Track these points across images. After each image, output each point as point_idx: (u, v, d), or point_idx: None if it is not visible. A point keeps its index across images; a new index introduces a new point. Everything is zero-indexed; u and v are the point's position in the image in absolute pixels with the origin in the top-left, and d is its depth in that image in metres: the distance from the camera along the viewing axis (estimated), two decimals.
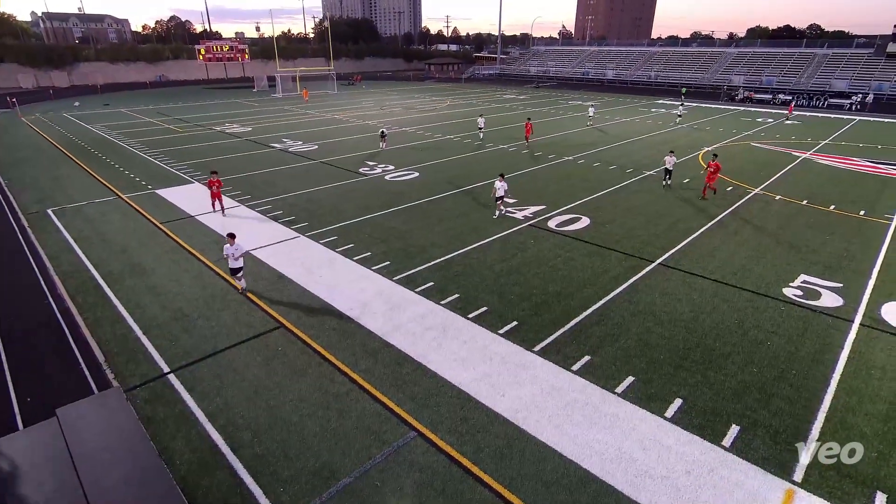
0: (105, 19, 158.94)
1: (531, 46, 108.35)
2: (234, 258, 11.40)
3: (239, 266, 11.61)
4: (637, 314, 11.14)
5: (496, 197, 16.99)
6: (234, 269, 11.64)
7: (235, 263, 11.49)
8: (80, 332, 10.41)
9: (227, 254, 11.37)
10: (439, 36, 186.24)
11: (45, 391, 8.71)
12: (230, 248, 11.33)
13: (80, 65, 76.89)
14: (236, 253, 11.37)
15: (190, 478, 6.93)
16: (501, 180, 17.00)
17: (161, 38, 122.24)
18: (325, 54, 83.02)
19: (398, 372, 9.18)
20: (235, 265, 11.53)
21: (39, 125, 37.97)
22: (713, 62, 71.13)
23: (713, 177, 18.89)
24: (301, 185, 21.21)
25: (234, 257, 11.37)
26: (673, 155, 20.81)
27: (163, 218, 17.18)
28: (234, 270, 11.67)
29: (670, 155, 20.78)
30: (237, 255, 11.41)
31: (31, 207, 18.45)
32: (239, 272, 11.73)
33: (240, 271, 11.73)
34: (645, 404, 8.35)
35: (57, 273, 13.09)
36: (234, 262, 11.45)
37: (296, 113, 45.08)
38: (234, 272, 11.72)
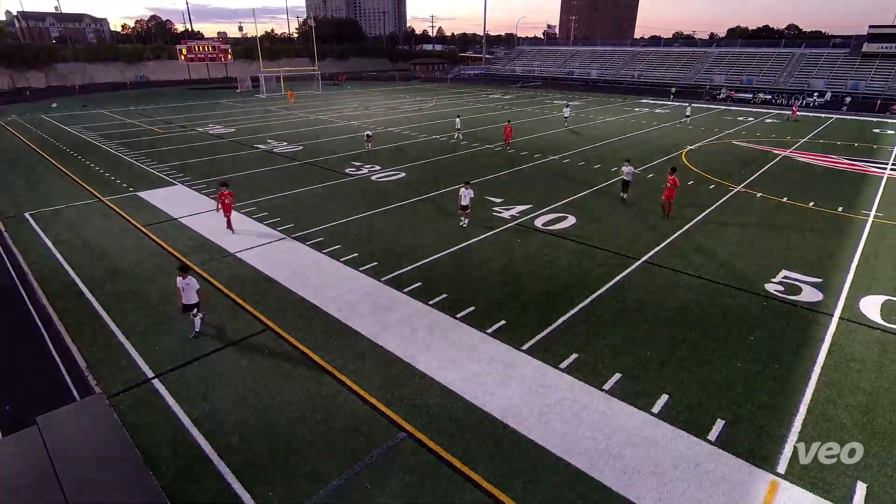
0: (83, 19, 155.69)
1: (516, 46, 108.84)
2: (185, 294, 9.83)
3: (194, 303, 9.98)
4: (623, 312, 11.25)
5: (461, 205, 15.87)
6: (186, 306, 9.98)
7: (189, 300, 9.90)
8: (61, 338, 10.18)
9: (180, 287, 9.79)
10: (424, 36, 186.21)
11: (25, 398, 8.51)
12: (182, 281, 9.75)
13: (58, 65, 75.17)
14: (188, 288, 9.81)
15: (176, 484, 6.82)
16: (467, 187, 15.81)
17: (141, 38, 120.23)
18: (309, 54, 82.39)
19: (387, 373, 9.15)
20: (189, 301, 9.91)
21: (16, 127, 37.08)
22: (695, 62, 72.18)
23: (671, 193, 16.73)
24: (286, 186, 21.02)
25: (184, 293, 9.81)
26: (630, 164, 18.81)
27: (145, 221, 16.89)
28: (186, 307, 9.99)
29: (627, 164, 18.83)
30: (191, 290, 9.85)
31: (7, 212, 18.00)
32: (194, 309, 10.05)
33: (194, 308, 10.04)
34: (632, 400, 8.43)
35: (36, 278, 12.80)
36: (186, 297, 9.86)
37: (280, 113, 44.68)
38: (186, 309, 10.02)
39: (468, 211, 15.96)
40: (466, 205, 15.82)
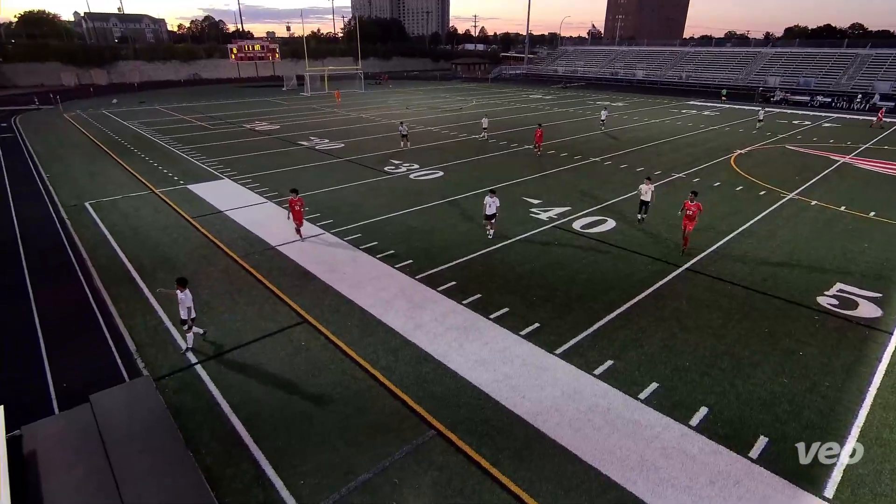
0: (143, 19, 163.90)
1: (559, 46, 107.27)
2: (184, 307, 9.39)
3: (187, 318, 9.49)
4: (663, 319, 10.91)
5: (486, 215, 15.01)
6: (182, 321, 9.55)
7: (184, 314, 9.44)
8: (114, 322, 10.78)
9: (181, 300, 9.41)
10: (466, 35, 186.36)
11: (79, 377, 9.03)
12: (181, 294, 9.35)
13: (119, 63, 79.64)
14: (185, 302, 9.37)
15: (214, 467, 7.09)
16: (493, 196, 14.81)
17: (195, 38, 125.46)
18: (353, 54, 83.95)
19: (419, 370, 9.22)
20: (184, 316, 9.46)
21: (80, 122, 39.46)
22: (748, 63, 69.18)
23: (691, 222, 13.92)
24: (326, 182, 21.49)
25: (183, 306, 9.39)
26: (650, 183, 16.44)
27: (193, 213, 17.64)
28: (182, 321, 9.59)
29: (647, 183, 16.38)
30: (185, 305, 9.39)
31: (70, 201, 19.19)
32: (186, 325, 9.56)
33: (186, 324, 9.55)
34: (669, 411, 8.17)
35: (94, 265, 13.58)
36: (183, 311, 9.42)
37: (323, 111, 45.70)
38: (182, 323, 9.65)
39: (494, 221, 15.16)
40: (492, 214, 14.93)
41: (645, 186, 16.26)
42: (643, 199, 16.31)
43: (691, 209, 13.77)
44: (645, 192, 16.24)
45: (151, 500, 6.18)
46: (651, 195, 16.25)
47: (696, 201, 13.85)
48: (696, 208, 13.78)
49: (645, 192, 16.24)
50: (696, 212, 13.78)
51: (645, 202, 16.33)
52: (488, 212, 14.92)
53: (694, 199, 13.90)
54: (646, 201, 16.30)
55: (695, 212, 13.77)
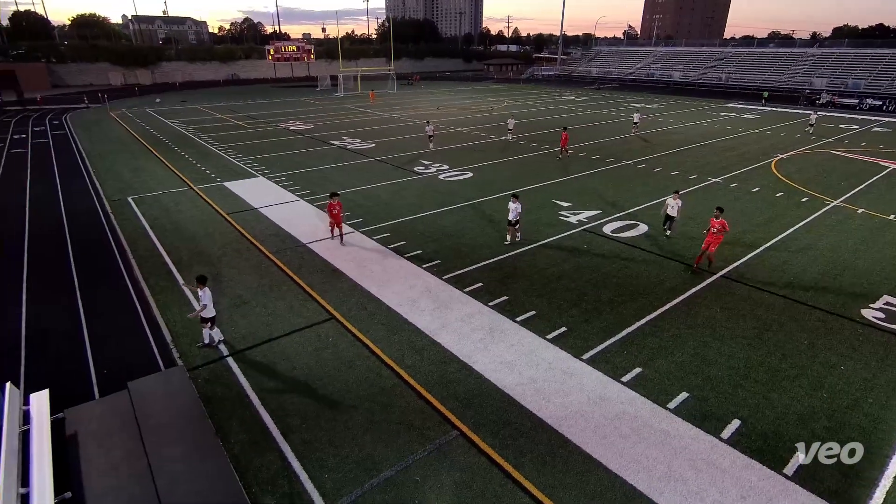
0: (186, 22, 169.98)
1: (593, 47, 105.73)
2: (201, 305, 9.33)
3: (210, 316, 9.52)
4: (695, 327, 10.62)
5: (510, 221, 14.47)
6: (204, 318, 9.55)
7: (206, 313, 9.43)
8: (152, 313, 11.20)
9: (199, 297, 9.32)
10: (499, 36, 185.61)
11: (118, 364, 9.43)
12: (200, 292, 9.27)
13: (163, 64, 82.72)
14: (202, 300, 9.29)
15: (243, 456, 7.28)
16: (516, 201, 14.18)
17: (234, 39, 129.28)
18: (386, 54, 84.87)
19: (443, 370, 9.24)
20: (207, 315, 9.46)
21: (125, 120, 41.19)
22: (792, 64, 66.54)
23: (716, 239, 12.77)
24: (357, 181, 21.78)
25: (200, 303, 9.33)
26: (678, 197, 15.02)
27: (229, 209, 18.16)
28: (203, 319, 9.58)
29: (674, 196, 15.05)
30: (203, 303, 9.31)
31: (114, 195, 20.05)
32: (208, 322, 9.60)
33: (209, 322, 9.60)
34: (699, 422, 7.94)
35: (134, 257, 14.15)
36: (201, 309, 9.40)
37: (355, 111, 46.34)
38: (203, 321, 9.64)
39: (517, 227, 14.70)
40: (515, 220, 14.38)
41: (672, 200, 14.99)
42: (669, 213, 15.09)
43: (716, 226, 12.64)
44: (671, 206, 14.96)
45: (182, 485, 6.39)
46: (678, 211, 14.92)
47: (721, 218, 12.70)
48: (722, 226, 12.61)
49: (671, 207, 14.96)
50: (721, 229, 12.64)
51: (670, 217, 15.13)
52: (511, 217, 14.40)
53: (720, 215, 12.74)
54: (671, 216, 15.08)
55: (720, 229, 12.64)
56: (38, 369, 9.37)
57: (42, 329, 10.69)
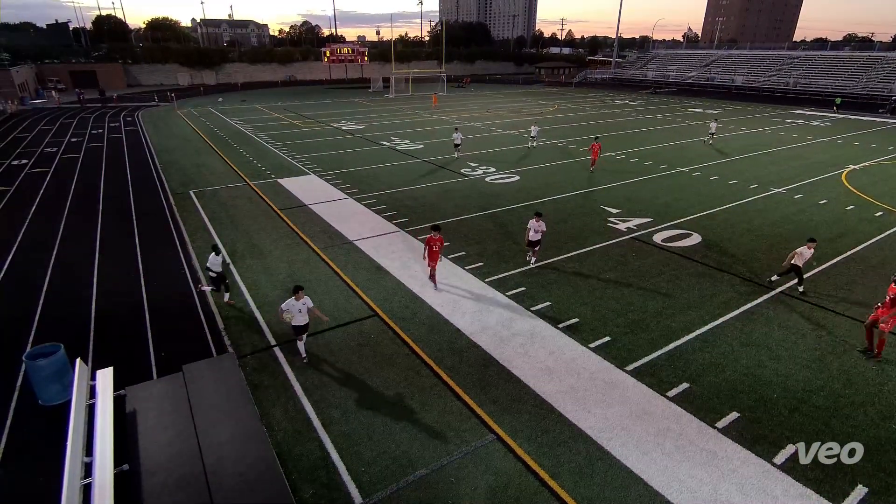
0: (249, 25, 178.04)
1: (650, 50, 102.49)
2: (300, 314, 9.13)
3: (304, 323, 9.29)
4: (749, 345, 10.09)
5: (528, 241, 13.14)
6: (297, 328, 9.30)
7: (301, 320, 9.20)
8: (207, 302, 11.79)
9: (287, 308, 8.99)
10: (552, 39, 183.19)
11: (175, 348, 9.99)
12: (295, 303, 8.98)
13: (226, 65, 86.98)
14: (303, 308, 9.12)
15: (285, 444, 7.54)
16: (538, 220, 12.84)
17: (293, 42, 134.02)
18: (437, 57, 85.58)
19: (482, 373, 9.22)
20: (300, 322, 9.23)
21: (189, 118, 43.61)
22: (869, 69, 61.99)
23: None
24: (405, 181, 22.09)
25: (299, 313, 9.11)
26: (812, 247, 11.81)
27: (281, 205, 18.87)
28: (297, 329, 9.32)
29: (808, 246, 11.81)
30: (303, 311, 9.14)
31: (177, 189, 21.26)
32: (304, 332, 9.40)
33: (305, 331, 9.42)
34: (750, 445, 7.54)
35: (193, 248, 14.95)
36: (299, 317, 9.15)
37: (405, 112, 47.01)
38: (297, 331, 9.37)
39: (537, 248, 13.38)
40: (536, 240, 13.09)
41: (806, 250, 11.80)
42: (795, 264, 11.87)
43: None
44: (801, 253, 11.80)
45: (228, 467, 6.69)
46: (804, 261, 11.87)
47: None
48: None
49: (801, 253, 11.81)
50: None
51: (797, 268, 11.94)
52: (531, 237, 13.01)
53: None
54: (797, 266, 11.90)
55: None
56: (104, 347, 10.07)
57: (109, 310, 11.49)
